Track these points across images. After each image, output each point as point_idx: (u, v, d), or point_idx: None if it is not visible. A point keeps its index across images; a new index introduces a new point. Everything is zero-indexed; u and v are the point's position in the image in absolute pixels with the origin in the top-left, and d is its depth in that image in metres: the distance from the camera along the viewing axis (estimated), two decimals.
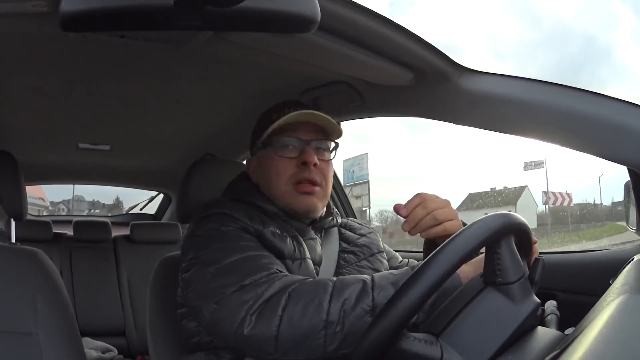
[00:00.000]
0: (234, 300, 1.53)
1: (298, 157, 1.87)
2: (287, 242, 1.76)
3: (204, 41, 1.79)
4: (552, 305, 1.53)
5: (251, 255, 1.63)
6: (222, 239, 1.69)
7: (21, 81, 2.34)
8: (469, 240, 1.31)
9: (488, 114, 1.87)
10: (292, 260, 1.73)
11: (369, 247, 2.01)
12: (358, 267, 1.90)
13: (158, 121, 3.06)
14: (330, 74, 2.18)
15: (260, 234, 1.73)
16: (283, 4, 1.20)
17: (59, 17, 1.11)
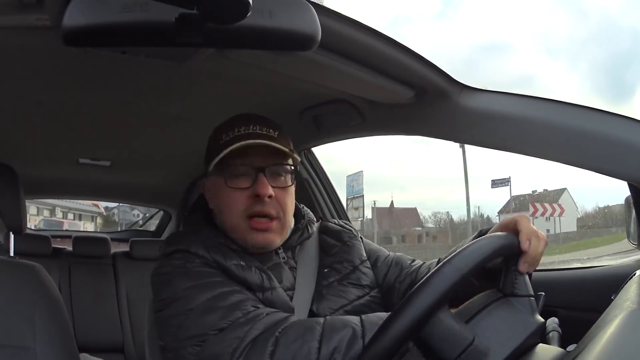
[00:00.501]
0: (217, 342, 1.51)
1: (251, 188, 1.72)
2: (253, 273, 1.68)
3: (205, 58, 1.80)
4: (553, 322, 1.54)
5: (223, 292, 1.59)
6: (190, 277, 1.63)
7: (23, 95, 2.34)
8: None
9: (488, 132, 1.87)
10: (262, 292, 1.66)
11: (351, 259, 1.91)
12: (339, 284, 1.83)
13: (159, 138, 3.07)
14: (330, 92, 2.18)
15: (224, 269, 1.66)
16: (284, 22, 1.21)
17: (61, 31, 1.12)
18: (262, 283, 1.67)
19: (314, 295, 1.79)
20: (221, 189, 1.76)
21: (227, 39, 1.21)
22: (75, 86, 2.25)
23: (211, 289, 1.59)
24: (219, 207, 1.81)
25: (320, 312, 1.73)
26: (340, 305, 1.78)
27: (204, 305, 1.57)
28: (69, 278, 4.44)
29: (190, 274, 1.64)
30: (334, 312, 1.75)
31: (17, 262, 2.02)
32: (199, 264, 1.66)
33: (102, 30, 1.11)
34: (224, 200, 1.77)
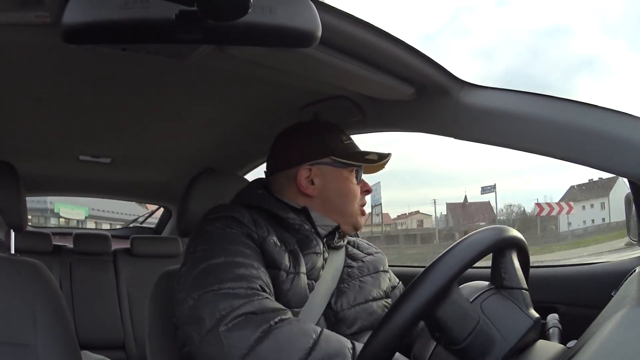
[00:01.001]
0: (211, 302, 1.56)
1: (363, 184, 2.08)
2: (284, 255, 1.78)
3: (205, 55, 1.80)
4: (554, 318, 1.54)
5: (239, 262, 1.66)
6: (223, 240, 1.73)
7: (23, 92, 2.34)
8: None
9: (488, 129, 1.87)
10: (286, 273, 1.76)
11: (374, 264, 2.05)
12: (361, 282, 1.94)
13: (159, 134, 3.06)
14: (330, 88, 2.18)
15: (263, 241, 1.76)
16: (284, 19, 1.21)
17: (61, 28, 1.12)
18: (288, 266, 1.77)
19: (335, 291, 1.88)
20: (345, 179, 2.02)
21: (228, 35, 1.21)
22: (76, 83, 2.25)
23: (232, 254, 1.68)
24: (338, 193, 2.01)
25: (337, 307, 1.84)
26: (358, 302, 1.88)
27: (217, 266, 1.65)
28: (70, 275, 4.44)
29: (224, 237, 1.74)
30: (351, 307, 1.85)
31: (18, 259, 2.02)
32: (238, 233, 1.76)
33: (102, 27, 1.11)
34: (351, 190, 2.03)
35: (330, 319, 1.82)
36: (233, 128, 2.78)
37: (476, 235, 1.41)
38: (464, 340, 1.33)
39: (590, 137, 1.63)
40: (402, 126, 2.31)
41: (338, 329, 1.79)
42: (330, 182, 1.98)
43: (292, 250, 1.82)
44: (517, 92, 1.85)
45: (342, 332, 1.77)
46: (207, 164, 2.79)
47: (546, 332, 1.51)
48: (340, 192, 1.99)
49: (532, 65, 47.19)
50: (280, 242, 1.81)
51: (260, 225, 1.80)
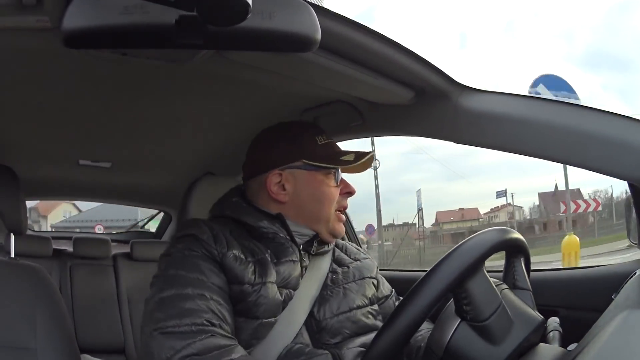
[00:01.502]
0: (156, 342, 1.56)
1: (343, 187, 2.00)
2: (248, 267, 1.74)
3: (205, 60, 1.80)
4: (554, 322, 1.56)
5: (188, 295, 1.63)
6: (180, 265, 1.71)
7: (23, 96, 2.34)
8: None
9: (488, 132, 1.88)
10: (251, 285, 1.71)
11: (360, 270, 2.03)
12: (344, 289, 1.91)
13: (159, 139, 3.06)
14: (330, 93, 2.19)
15: (223, 257, 1.73)
16: (284, 24, 1.21)
17: (61, 33, 1.12)
18: (253, 278, 1.73)
19: (317, 299, 1.84)
20: (322, 185, 1.95)
21: (227, 40, 1.21)
22: (76, 88, 2.25)
23: (184, 285, 1.65)
24: (310, 198, 1.94)
25: (320, 315, 1.80)
26: (342, 310, 1.84)
27: (167, 298, 1.63)
28: (70, 279, 4.43)
29: (183, 261, 1.72)
30: (334, 317, 1.82)
31: (18, 263, 2.03)
32: (198, 254, 1.73)
33: (102, 32, 1.12)
34: (325, 193, 1.95)
35: (313, 328, 1.79)
36: (233, 133, 2.78)
37: (489, 233, 1.47)
38: (489, 317, 1.38)
39: (590, 140, 1.64)
40: (402, 130, 2.31)
41: (321, 337, 1.78)
42: (303, 186, 1.93)
43: (260, 259, 1.79)
44: (516, 95, 1.85)
45: (325, 341, 1.77)
46: (206, 169, 2.80)
47: (547, 336, 1.52)
48: (314, 197, 1.93)
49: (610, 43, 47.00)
50: (244, 253, 1.78)
51: (220, 240, 1.76)
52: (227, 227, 1.84)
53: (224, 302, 1.67)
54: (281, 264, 1.81)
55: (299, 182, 1.93)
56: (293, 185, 1.93)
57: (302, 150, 1.95)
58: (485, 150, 1.85)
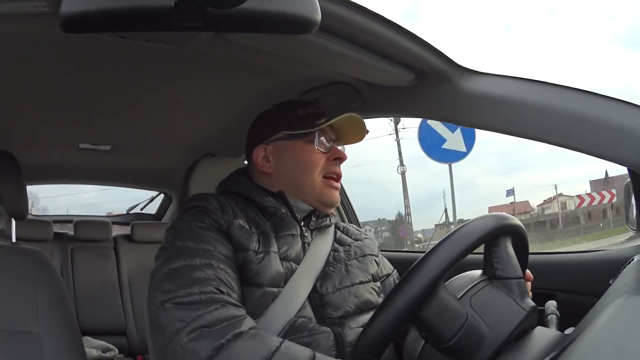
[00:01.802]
0: (167, 314, 1.57)
1: (330, 153, 1.98)
2: (253, 237, 1.78)
3: (205, 42, 1.80)
4: (552, 305, 1.55)
5: (196, 265, 1.65)
6: (187, 237, 1.73)
7: (22, 81, 2.34)
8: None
9: (489, 115, 1.87)
10: (255, 253, 1.75)
11: (362, 249, 2.04)
12: (347, 265, 1.92)
13: (159, 121, 3.06)
14: (330, 74, 2.19)
15: (229, 226, 1.77)
16: (283, 5, 1.21)
17: (59, 17, 1.11)
18: (257, 246, 1.77)
19: (320, 274, 1.85)
20: (303, 150, 1.96)
21: (227, 22, 1.21)
22: (75, 71, 2.25)
23: (191, 256, 1.67)
24: (293, 167, 1.97)
25: (322, 290, 1.82)
26: (344, 285, 1.86)
27: (176, 270, 1.65)
28: (71, 262, 4.45)
29: (190, 233, 1.74)
30: (336, 291, 1.83)
31: (19, 247, 2.03)
32: (205, 225, 1.76)
33: (100, 15, 1.11)
34: (307, 160, 1.96)
35: (316, 302, 1.81)
36: (233, 114, 2.78)
37: (465, 227, 1.40)
38: (451, 338, 1.32)
39: (590, 125, 1.63)
40: (403, 112, 2.31)
41: (324, 312, 1.79)
42: (284, 156, 1.97)
43: (264, 231, 1.83)
44: (517, 78, 1.85)
45: (328, 315, 1.78)
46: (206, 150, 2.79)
47: (544, 319, 1.52)
48: (295, 164, 1.96)
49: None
50: (249, 224, 1.82)
51: (227, 210, 1.81)
52: (233, 200, 1.89)
53: (231, 271, 1.69)
54: (280, 237, 1.85)
55: (281, 153, 1.98)
56: (276, 157, 1.98)
57: (281, 122, 2.00)
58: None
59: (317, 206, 1.96)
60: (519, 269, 1.43)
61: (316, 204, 1.96)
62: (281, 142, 1.98)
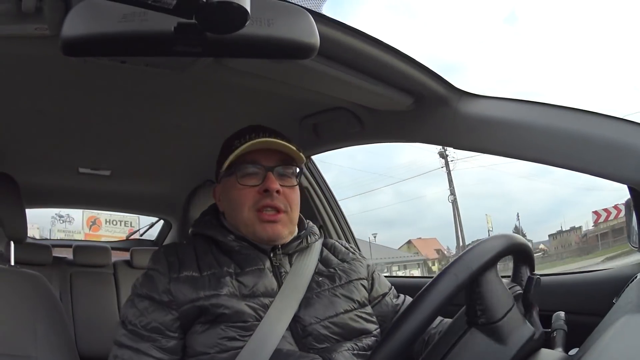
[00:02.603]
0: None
1: (260, 185, 1.86)
2: (202, 283, 1.79)
3: (204, 67, 1.81)
4: (559, 318, 1.54)
5: (126, 346, 1.79)
6: (129, 310, 1.82)
7: (22, 104, 2.35)
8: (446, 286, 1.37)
9: (488, 138, 1.88)
10: (205, 298, 1.75)
11: (348, 273, 1.97)
12: (330, 293, 1.88)
13: (159, 147, 3.07)
14: (329, 99, 2.19)
15: (176, 281, 1.79)
16: (282, 31, 1.22)
17: (60, 41, 1.12)
18: (206, 292, 1.76)
19: (302, 302, 1.82)
20: (232, 187, 1.89)
21: (226, 48, 1.21)
22: (75, 95, 2.26)
23: (121, 342, 1.82)
24: (230, 205, 1.92)
25: (305, 319, 1.78)
26: (327, 315, 1.81)
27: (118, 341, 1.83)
28: (70, 287, 4.42)
29: (132, 307, 1.82)
30: (320, 321, 1.79)
31: (18, 271, 2.03)
32: (144, 295, 1.81)
33: (101, 40, 1.12)
34: (235, 197, 1.89)
35: (298, 332, 1.77)
36: None
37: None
38: (502, 317, 1.36)
39: (589, 144, 1.64)
40: (402, 137, 2.31)
41: (306, 342, 1.77)
42: (225, 194, 1.96)
43: (215, 273, 1.82)
44: (516, 100, 1.86)
45: (311, 345, 1.76)
46: (206, 176, 2.79)
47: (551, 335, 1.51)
48: (229, 202, 1.93)
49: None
50: (202, 268, 1.83)
51: (174, 266, 1.82)
52: (199, 242, 1.93)
53: (163, 340, 1.76)
54: (245, 274, 1.82)
55: (223, 191, 1.97)
56: (222, 195, 1.98)
57: (220, 160, 1.96)
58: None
59: (258, 242, 1.89)
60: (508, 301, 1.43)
61: (256, 240, 1.89)
62: (224, 179, 1.95)
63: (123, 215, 22.55)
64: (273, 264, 1.88)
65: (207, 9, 0.99)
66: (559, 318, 1.55)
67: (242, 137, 1.89)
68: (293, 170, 1.94)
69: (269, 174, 1.86)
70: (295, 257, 1.94)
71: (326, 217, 3.37)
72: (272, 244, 1.89)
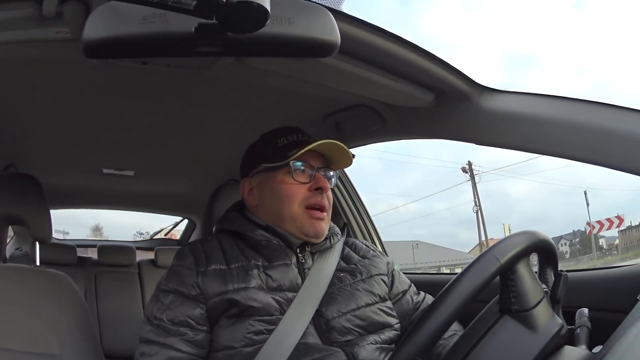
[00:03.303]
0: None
1: (312, 183, 1.92)
2: (230, 275, 1.81)
3: (226, 67, 1.81)
4: (583, 314, 1.53)
5: (154, 342, 1.78)
6: (154, 306, 1.83)
7: (45, 107, 2.37)
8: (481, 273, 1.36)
9: (509, 133, 1.87)
10: (234, 290, 1.77)
11: (369, 269, 2.00)
12: (352, 288, 1.90)
13: (182, 146, 3.08)
14: (351, 97, 2.19)
15: (203, 276, 1.81)
16: (303, 29, 1.22)
17: (81, 44, 1.13)
18: (235, 285, 1.78)
19: (325, 297, 1.84)
20: (282, 182, 1.92)
21: (247, 47, 1.22)
22: (97, 97, 2.27)
23: (156, 324, 1.80)
24: (274, 199, 1.94)
25: (327, 314, 1.80)
26: (350, 309, 1.83)
27: (144, 337, 1.82)
28: (95, 286, 4.44)
29: (157, 301, 1.84)
30: (342, 315, 1.81)
31: (43, 270, 2.05)
32: (172, 290, 1.82)
33: (122, 41, 1.12)
34: (285, 192, 1.91)
35: (321, 326, 1.80)
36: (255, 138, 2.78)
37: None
38: (534, 306, 1.37)
39: (611, 138, 1.62)
40: (423, 133, 2.31)
41: (330, 336, 1.78)
42: (265, 188, 1.97)
43: (243, 265, 1.84)
44: (537, 95, 1.84)
45: (334, 339, 1.77)
46: (230, 175, 2.81)
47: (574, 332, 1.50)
48: (274, 196, 1.94)
49: None
50: (228, 263, 1.85)
51: (201, 260, 1.85)
52: (225, 238, 1.95)
53: (191, 333, 1.77)
54: (273, 268, 1.84)
55: (263, 185, 1.97)
56: (259, 190, 1.99)
57: (261, 155, 2.00)
58: None
59: (301, 237, 1.92)
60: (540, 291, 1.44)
61: (300, 235, 1.92)
62: (262, 174, 1.97)
63: None
64: (299, 260, 1.90)
65: (227, 9, 0.99)
66: (583, 315, 1.53)
67: (284, 137, 1.96)
68: (333, 174, 2.02)
69: (317, 174, 1.93)
70: (318, 254, 1.96)
71: (351, 217, 3.36)
72: (312, 240, 1.93)
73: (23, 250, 2.49)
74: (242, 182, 2.03)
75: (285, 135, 1.97)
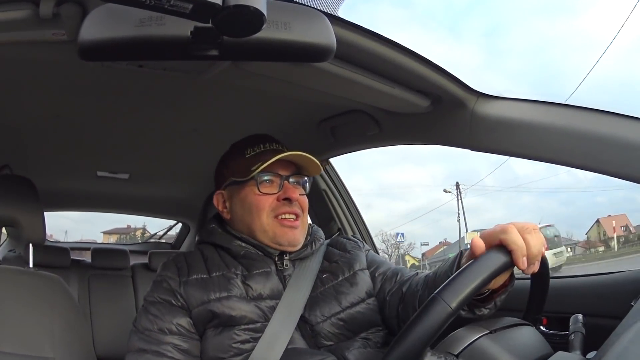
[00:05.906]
0: None
1: (280, 193, 1.92)
2: (212, 284, 1.82)
3: (221, 71, 1.81)
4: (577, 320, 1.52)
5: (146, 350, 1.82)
6: (143, 318, 1.88)
7: (41, 108, 2.36)
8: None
9: (505, 139, 1.87)
10: (216, 300, 1.78)
11: (351, 263, 2.00)
12: (335, 289, 1.90)
13: (176, 150, 3.08)
14: (347, 102, 2.19)
15: (185, 286, 1.82)
16: (299, 34, 1.22)
17: (78, 46, 1.13)
18: (216, 294, 1.80)
19: (308, 302, 1.84)
20: (250, 194, 1.93)
21: (243, 51, 1.22)
22: (93, 99, 2.27)
23: (139, 343, 1.87)
24: (245, 211, 1.95)
25: (312, 319, 1.80)
26: (333, 312, 1.83)
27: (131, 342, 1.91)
28: (88, 289, 4.43)
29: (146, 313, 1.88)
30: (326, 319, 1.81)
31: (36, 273, 2.05)
32: (158, 301, 1.85)
33: (118, 44, 1.12)
34: (255, 203, 1.92)
35: (307, 331, 1.80)
36: None
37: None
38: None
39: (608, 145, 1.63)
40: (419, 139, 2.31)
41: (317, 341, 1.79)
42: (236, 201, 1.98)
43: (224, 274, 1.85)
44: (532, 101, 1.85)
45: (321, 344, 1.78)
46: None
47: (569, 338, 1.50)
48: (244, 208, 1.95)
49: None
50: (210, 271, 1.87)
51: (183, 270, 1.87)
52: (200, 253, 1.96)
53: (181, 342, 1.79)
54: (252, 277, 1.85)
55: (233, 198, 1.99)
56: (229, 201, 2.01)
57: (230, 169, 2.02)
58: None
59: (276, 247, 1.92)
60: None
61: (274, 245, 1.91)
62: (232, 187, 1.99)
63: None
64: (278, 268, 1.91)
65: (223, 12, 0.99)
66: (577, 321, 1.53)
67: (251, 147, 1.98)
68: (306, 180, 2.02)
69: (285, 182, 1.93)
70: (298, 261, 1.97)
71: (344, 220, 3.36)
72: (288, 249, 1.92)
73: (16, 252, 2.48)
74: (216, 195, 2.05)
75: (252, 145, 1.98)
